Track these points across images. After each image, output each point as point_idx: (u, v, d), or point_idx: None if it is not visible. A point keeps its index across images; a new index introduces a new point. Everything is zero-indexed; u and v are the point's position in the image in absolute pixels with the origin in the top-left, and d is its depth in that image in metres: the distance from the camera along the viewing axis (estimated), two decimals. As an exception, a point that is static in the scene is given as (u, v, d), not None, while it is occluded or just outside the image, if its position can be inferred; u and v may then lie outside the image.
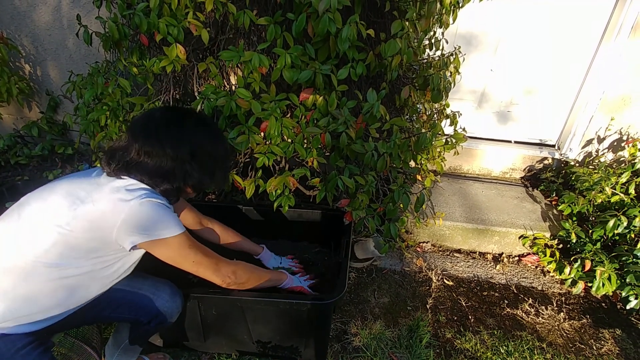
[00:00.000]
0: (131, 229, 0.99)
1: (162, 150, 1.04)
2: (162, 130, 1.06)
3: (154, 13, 1.46)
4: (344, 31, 1.25)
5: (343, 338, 1.66)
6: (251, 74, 1.47)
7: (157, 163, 1.05)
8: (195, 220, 1.51)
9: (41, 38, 2.51)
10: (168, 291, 1.25)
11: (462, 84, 2.42)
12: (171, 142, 1.05)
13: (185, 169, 1.08)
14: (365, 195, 1.51)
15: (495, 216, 2.24)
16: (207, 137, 1.13)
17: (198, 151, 1.09)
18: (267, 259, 1.65)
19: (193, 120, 1.12)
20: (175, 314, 1.28)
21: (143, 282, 1.25)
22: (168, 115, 1.11)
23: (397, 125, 1.50)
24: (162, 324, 1.27)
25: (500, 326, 1.77)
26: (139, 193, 1.00)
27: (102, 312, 1.20)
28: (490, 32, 2.28)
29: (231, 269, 1.20)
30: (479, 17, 2.23)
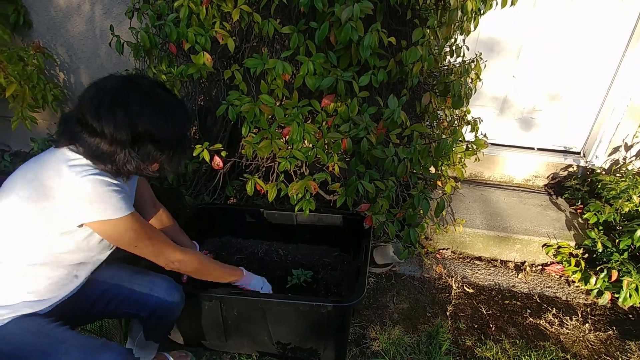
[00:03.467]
0: (71, 206, 0.94)
1: (100, 128, 0.93)
2: (105, 107, 0.93)
3: (183, 23, 1.53)
4: (365, 39, 1.28)
5: (362, 342, 1.67)
6: (274, 81, 1.51)
7: (94, 142, 0.95)
8: (149, 197, 1.41)
9: (75, 47, 2.64)
10: (165, 286, 1.26)
11: (484, 90, 2.41)
12: (111, 122, 0.93)
13: (125, 154, 0.97)
14: (385, 200, 1.52)
15: (517, 224, 2.21)
16: (155, 120, 0.98)
17: (141, 136, 0.97)
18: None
19: (142, 97, 0.97)
20: (174, 308, 1.28)
21: (143, 277, 1.26)
22: (117, 88, 0.96)
23: (417, 131, 1.52)
24: (164, 319, 1.29)
25: (523, 335, 1.74)
26: (82, 169, 0.95)
27: (108, 307, 1.24)
28: (513, 38, 2.27)
29: (178, 258, 1.15)
30: (501, 23, 2.22)
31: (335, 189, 1.66)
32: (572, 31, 2.18)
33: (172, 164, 1.08)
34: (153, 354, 1.44)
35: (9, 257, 1.01)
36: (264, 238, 1.91)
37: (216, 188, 2.17)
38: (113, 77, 1.00)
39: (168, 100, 1.03)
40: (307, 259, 1.80)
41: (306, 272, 1.66)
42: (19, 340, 1.00)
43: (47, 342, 1.00)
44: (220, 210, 1.93)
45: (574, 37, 2.19)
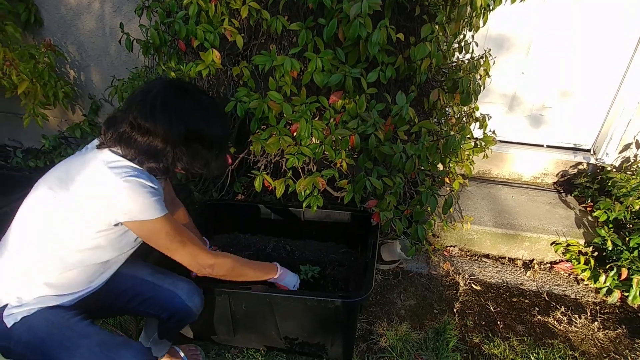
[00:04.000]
0: (110, 206, 0.98)
1: (154, 127, 0.99)
2: (159, 106, 1.00)
3: (192, 20, 1.54)
4: (374, 35, 1.28)
5: (369, 338, 1.67)
6: (282, 78, 1.52)
7: (147, 141, 1.00)
8: (168, 195, 1.45)
9: (85, 45, 2.67)
10: (186, 289, 1.27)
11: (493, 86, 2.39)
12: (165, 120, 1.00)
13: (175, 152, 1.03)
14: (393, 197, 1.52)
15: (525, 221, 2.20)
16: (205, 120, 1.06)
17: (192, 135, 1.04)
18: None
19: (193, 99, 1.05)
20: (194, 312, 1.29)
21: (164, 278, 1.28)
22: (168, 91, 1.03)
23: (425, 127, 1.52)
24: (183, 321, 1.31)
25: (531, 333, 1.73)
26: (122, 170, 0.98)
27: (130, 304, 1.26)
28: (522, 35, 2.25)
29: (209, 263, 1.16)
30: (511, 19, 2.20)
31: (342, 185, 1.66)
32: (583, 27, 2.15)
33: (217, 162, 1.14)
34: (166, 350, 1.46)
35: (43, 252, 1.03)
36: (271, 234, 1.92)
37: (224, 184, 2.18)
38: (159, 82, 1.06)
39: (213, 103, 1.12)
40: (314, 255, 1.81)
41: (314, 268, 1.67)
42: (42, 332, 1.02)
43: (69, 335, 1.02)
44: (229, 207, 1.95)
45: (584, 33, 2.17)
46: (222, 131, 1.12)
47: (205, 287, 1.38)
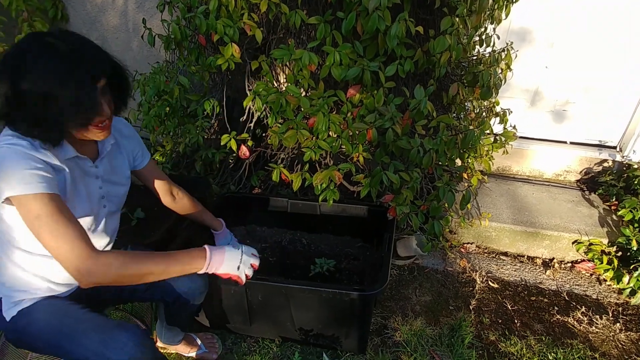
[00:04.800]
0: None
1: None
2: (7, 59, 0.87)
3: (212, 15, 1.56)
4: (392, 28, 1.28)
5: (383, 332, 1.68)
6: (300, 72, 1.52)
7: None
8: (162, 187, 1.37)
9: (109, 40, 2.73)
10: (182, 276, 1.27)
11: (514, 81, 2.34)
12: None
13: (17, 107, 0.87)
14: (410, 192, 1.52)
15: (546, 219, 2.15)
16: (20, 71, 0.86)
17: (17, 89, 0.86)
18: (221, 239, 1.59)
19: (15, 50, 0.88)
20: (197, 295, 1.29)
21: None
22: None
23: (444, 122, 1.50)
24: (187, 305, 1.31)
25: (549, 332, 1.70)
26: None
27: (136, 292, 1.28)
28: (546, 27, 2.19)
29: (86, 267, 0.89)
30: (534, 11, 2.15)
31: (359, 180, 1.66)
32: (609, 19, 2.08)
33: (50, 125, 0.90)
34: (180, 336, 1.50)
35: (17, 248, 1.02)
36: (288, 227, 1.94)
37: (242, 178, 2.22)
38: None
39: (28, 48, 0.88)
40: (330, 249, 1.83)
41: (329, 261, 1.69)
42: (42, 321, 1.05)
43: (67, 322, 1.04)
44: (246, 199, 1.98)
45: (611, 26, 2.09)
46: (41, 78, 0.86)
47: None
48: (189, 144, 1.89)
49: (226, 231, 1.61)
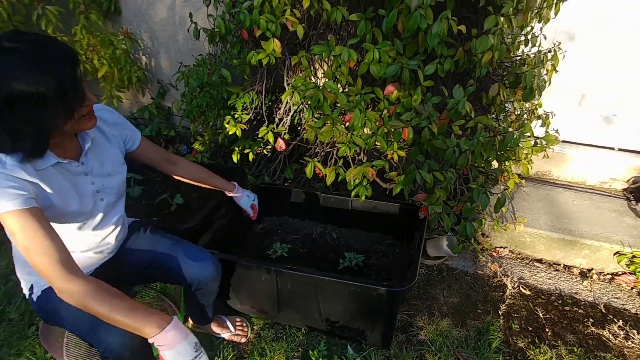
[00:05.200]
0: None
1: None
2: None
3: (256, 10, 1.61)
4: (434, 27, 1.27)
5: (408, 330, 1.69)
6: (339, 68, 1.55)
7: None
8: (160, 158, 1.40)
9: (157, 33, 2.86)
10: (199, 259, 1.31)
11: (561, 82, 2.24)
12: None
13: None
14: (443, 192, 1.51)
15: (586, 228, 2.07)
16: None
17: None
18: (239, 198, 1.69)
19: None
20: (209, 282, 1.33)
21: (180, 249, 1.32)
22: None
23: (482, 123, 1.48)
24: (203, 291, 1.36)
25: (582, 344, 1.65)
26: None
27: (155, 275, 1.36)
28: (597, 26, 2.08)
29: (59, 286, 0.90)
30: (585, 8, 2.05)
31: (392, 177, 1.67)
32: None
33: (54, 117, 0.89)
34: (210, 317, 1.57)
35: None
36: (319, 220, 1.98)
37: (276, 170, 2.27)
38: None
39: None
40: (359, 244, 1.85)
41: (358, 256, 1.71)
42: (53, 304, 1.12)
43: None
44: (280, 191, 2.03)
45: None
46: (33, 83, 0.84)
47: (254, 264, 1.48)
48: (227, 134, 1.96)
49: (242, 192, 1.69)
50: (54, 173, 1.01)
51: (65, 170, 1.05)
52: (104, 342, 1.05)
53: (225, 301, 1.71)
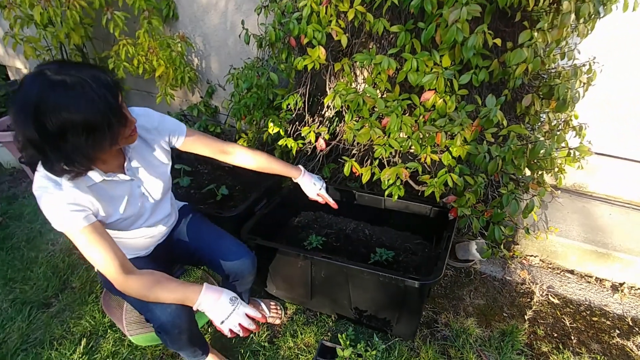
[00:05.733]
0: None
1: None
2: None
3: (304, 20, 1.76)
4: (470, 40, 1.36)
5: (433, 326, 1.77)
6: (379, 75, 1.66)
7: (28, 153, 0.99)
8: (214, 149, 1.44)
9: (209, 37, 3.09)
10: (236, 253, 1.43)
11: (600, 95, 2.24)
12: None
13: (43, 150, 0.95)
14: (473, 195, 1.58)
15: (620, 242, 2.06)
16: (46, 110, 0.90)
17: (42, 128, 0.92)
18: (305, 183, 1.64)
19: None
20: (245, 275, 1.46)
21: (222, 243, 1.47)
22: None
23: (515, 132, 1.54)
24: (240, 282, 1.48)
25: (606, 353, 1.67)
26: (36, 185, 1.03)
27: (200, 263, 1.54)
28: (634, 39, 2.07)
29: (119, 285, 1.10)
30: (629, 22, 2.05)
31: (425, 180, 1.76)
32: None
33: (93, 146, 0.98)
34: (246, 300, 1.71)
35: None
36: (352, 217, 2.10)
37: (314, 168, 2.41)
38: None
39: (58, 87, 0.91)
40: (390, 242, 1.94)
41: (388, 252, 1.81)
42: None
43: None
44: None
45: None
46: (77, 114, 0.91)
47: (291, 251, 1.61)
48: (272, 133, 2.12)
49: (309, 177, 1.64)
50: (102, 186, 1.14)
51: (112, 181, 1.17)
52: (158, 319, 1.23)
53: (262, 286, 1.86)
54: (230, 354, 1.66)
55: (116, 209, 1.20)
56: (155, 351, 1.69)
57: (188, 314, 1.26)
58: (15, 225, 2.58)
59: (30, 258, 2.27)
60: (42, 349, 1.73)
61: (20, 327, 1.84)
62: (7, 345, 1.76)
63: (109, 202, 1.16)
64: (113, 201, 1.18)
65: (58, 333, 1.80)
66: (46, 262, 2.23)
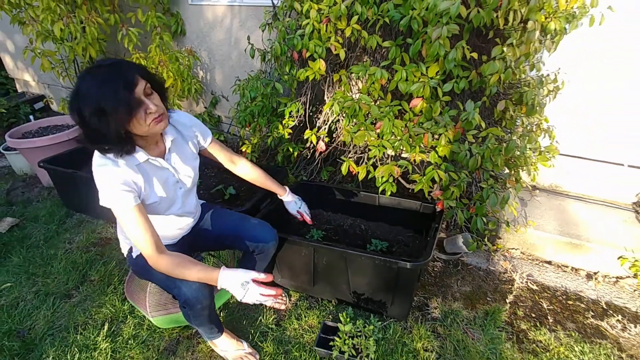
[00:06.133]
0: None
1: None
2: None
3: (306, 37, 1.98)
4: (450, 54, 1.59)
5: (424, 309, 1.96)
6: (373, 84, 1.89)
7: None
8: (226, 157, 1.69)
9: (214, 51, 3.32)
10: (261, 229, 1.65)
11: (570, 105, 2.48)
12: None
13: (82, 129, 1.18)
14: (457, 189, 1.80)
15: (593, 234, 2.27)
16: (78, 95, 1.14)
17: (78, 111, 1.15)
18: (288, 201, 1.90)
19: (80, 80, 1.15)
20: (271, 245, 1.65)
21: (248, 223, 1.67)
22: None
23: (492, 133, 1.77)
24: (263, 253, 1.66)
25: (580, 331, 1.86)
26: (95, 160, 1.25)
27: (225, 243, 1.70)
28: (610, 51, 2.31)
29: (152, 262, 1.31)
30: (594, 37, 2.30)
31: (415, 178, 1.97)
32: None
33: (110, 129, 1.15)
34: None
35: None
36: (349, 214, 2.30)
37: (313, 171, 2.62)
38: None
39: (92, 75, 1.14)
40: (384, 235, 2.14)
41: (383, 243, 2.01)
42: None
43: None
44: (317, 187, 2.37)
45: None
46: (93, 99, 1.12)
47: (295, 240, 1.81)
48: (276, 138, 2.33)
49: (292, 197, 1.89)
50: (147, 168, 1.33)
51: (154, 166, 1.36)
52: (184, 295, 1.41)
53: (269, 275, 2.04)
54: (241, 334, 1.83)
55: (155, 191, 1.38)
56: (172, 333, 1.86)
57: (209, 292, 1.45)
58: (32, 227, 2.74)
59: (50, 255, 2.43)
60: (67, 334, 1.88)
61: (46, 315, 1.99)
62: (35, 331, 1.91)
63: (150, 184, 1.35)
64: (153, 183, 1.36)
65: (81, 319, 1.96)
66: (65, 258, 2.39)
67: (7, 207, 3.01)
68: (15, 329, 1.93)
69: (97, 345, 1.81)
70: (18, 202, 3.06)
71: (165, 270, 1.32)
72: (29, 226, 2.75)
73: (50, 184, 3.17)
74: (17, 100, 4.39)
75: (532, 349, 1.76)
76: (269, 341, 1.80)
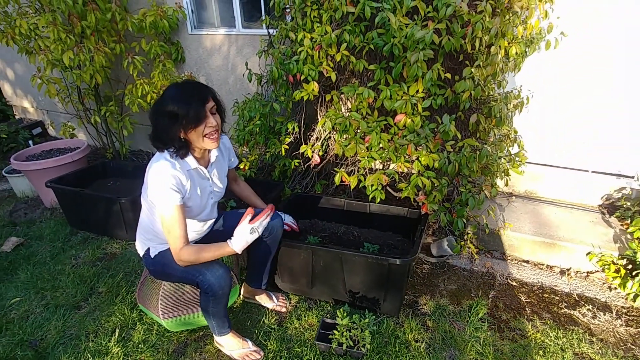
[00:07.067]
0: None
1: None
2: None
3: (301, 62, 2.22)
4: (427, 75, 1.84)
5: (414, 306, 2.13)
6: (361, 103, 2.12)
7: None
8: (233, 177, 2.01)
9: (212, 76, 3.55)
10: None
11: (533, 121, 2.75)
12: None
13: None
14: (439, 193, 2.01)
15: (565, 234, 2.50)
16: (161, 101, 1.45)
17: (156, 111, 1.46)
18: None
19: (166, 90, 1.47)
20: (278, 228, 1.86)
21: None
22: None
23: (468, 143, 2.00)
24: (270, 237, 1.85)
25: (555, 320, 2.05)
26: (153, 158, 1.51)
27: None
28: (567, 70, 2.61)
29: (176, 254, 1.53)
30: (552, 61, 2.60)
31: (401, 187, 2.18)
32: (626, 60, 2.48)
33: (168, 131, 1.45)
34: (264, 287, 2.05)
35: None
36: (343, 222, 2.49)
37: (308, 184, 2.82)
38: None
39: (174, 89, 1.47)
40: (375, 240, 2.33)
41: (374, 246, 2.19)
42: (166, 258, 1.67)
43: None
44: (311, 198, 2.56)
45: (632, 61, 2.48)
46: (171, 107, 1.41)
47: (294, 244, 1.98)
48: (274, 153, 2.53)
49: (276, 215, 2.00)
50: (194, 175, 1.57)
51: (200, 174, 1.61)
52: (208, 281, 1.58)
53: (273, 280, 2.20)
54: (245, 334, 1.97)
55: (195, 196, 1.59)
56: (181, 337, 1.99)
57: (230, 280, 1.64)
58: (38, 245, 2.85)
59: (57, 270, 2.54)
60: (79, 341, 1.99)
61: (57, 325, 2.10)
62: (46, 341, 2.02)
63: (194, 189, 1.58)
64: (196, 189, 1.59)
65: (92, 328, 2.07)
66: (72, 272, 2.50)
67: (11, 227, 3.11)
68: (27, 340, 2.02)
69: (109, 350, 1.92)
70: (21, 223, 3.17)
71: (188, 259, 1.53)
72: (34, 244, 2.85)
73: (52, 205, 3.30)
74: (16, 126, 4.53)
75: (512, 336, 1.94)
76: (272, 339, 1.94)
